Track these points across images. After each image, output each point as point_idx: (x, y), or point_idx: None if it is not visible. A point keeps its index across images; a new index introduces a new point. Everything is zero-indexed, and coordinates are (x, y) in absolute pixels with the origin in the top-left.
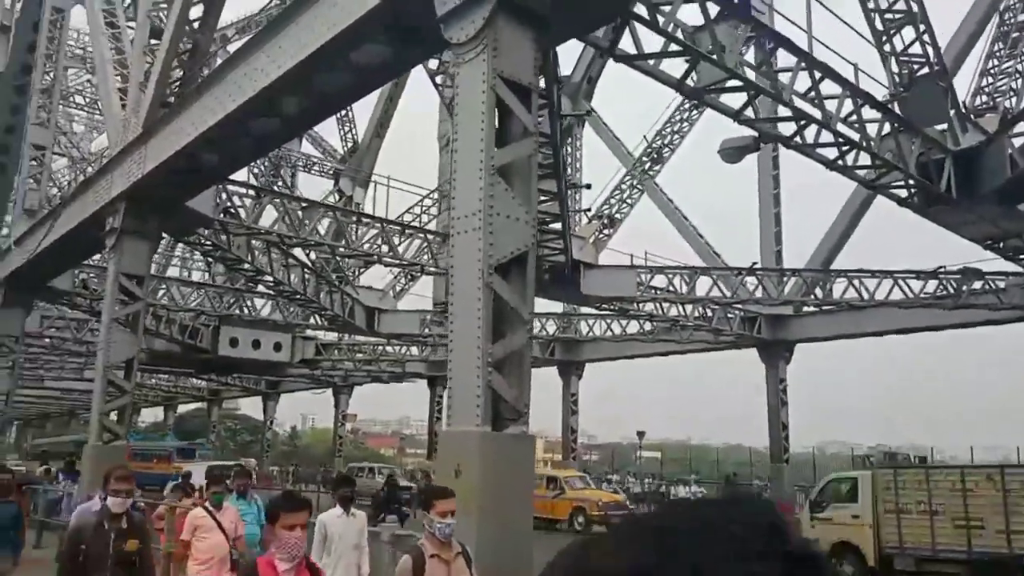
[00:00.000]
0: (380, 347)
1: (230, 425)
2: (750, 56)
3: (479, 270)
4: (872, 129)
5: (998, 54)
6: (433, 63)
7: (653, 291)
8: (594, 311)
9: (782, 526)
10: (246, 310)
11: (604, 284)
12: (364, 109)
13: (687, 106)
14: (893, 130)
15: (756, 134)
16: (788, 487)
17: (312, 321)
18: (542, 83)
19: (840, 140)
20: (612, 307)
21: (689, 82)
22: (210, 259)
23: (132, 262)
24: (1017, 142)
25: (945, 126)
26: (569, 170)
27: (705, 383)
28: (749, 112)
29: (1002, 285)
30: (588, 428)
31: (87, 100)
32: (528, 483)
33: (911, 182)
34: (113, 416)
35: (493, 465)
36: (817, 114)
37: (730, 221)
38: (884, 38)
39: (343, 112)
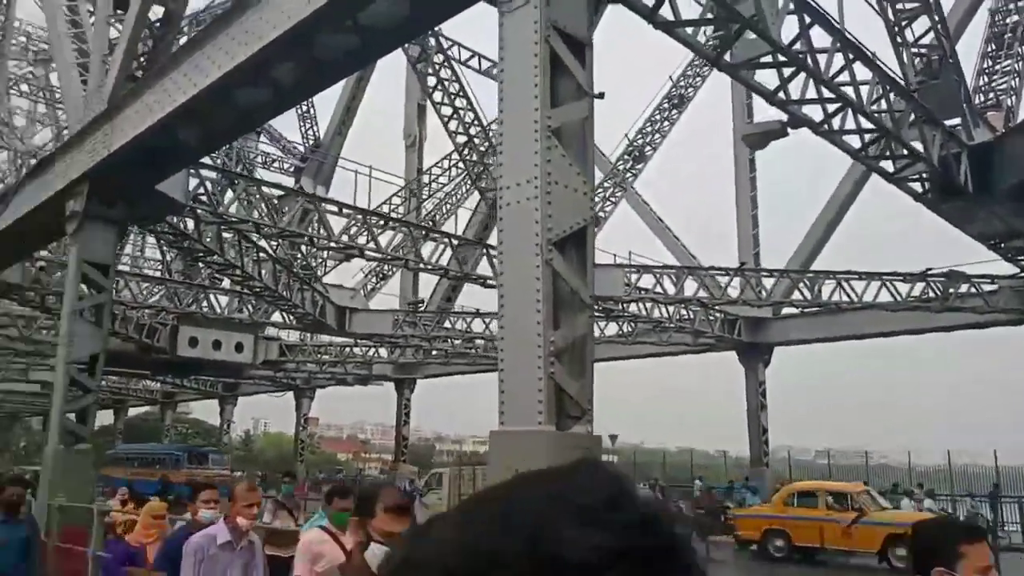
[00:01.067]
0: (347, 348)
1: (181, 429)
2: (785, 32)
3: (536, 245)
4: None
5: (992, 54)
6: (415, 51)
7: (640, 291)
8: None
9: (626, 494)
10: (206, 307)
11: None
12: (325, 108)
13: (667, 105)
14: (917, 120)
15: (785, 118)
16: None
17: (277, 319)
18: None
19: (866, 128)
20: (597, 308)
21: (726, 57)
22: (175, 251)
23: (97, 249)
24: None
25: (959, 120)
26: None
27: (667, 387)
28: (781, 94)
29: (987, 288)
30: None
31: (31, 90)
32: None
33: (926, 175)
34: (72, 416)
35: None
36: (852, 98)
37: (703, 223)
38: (896, 28)
39: (304, 108)
